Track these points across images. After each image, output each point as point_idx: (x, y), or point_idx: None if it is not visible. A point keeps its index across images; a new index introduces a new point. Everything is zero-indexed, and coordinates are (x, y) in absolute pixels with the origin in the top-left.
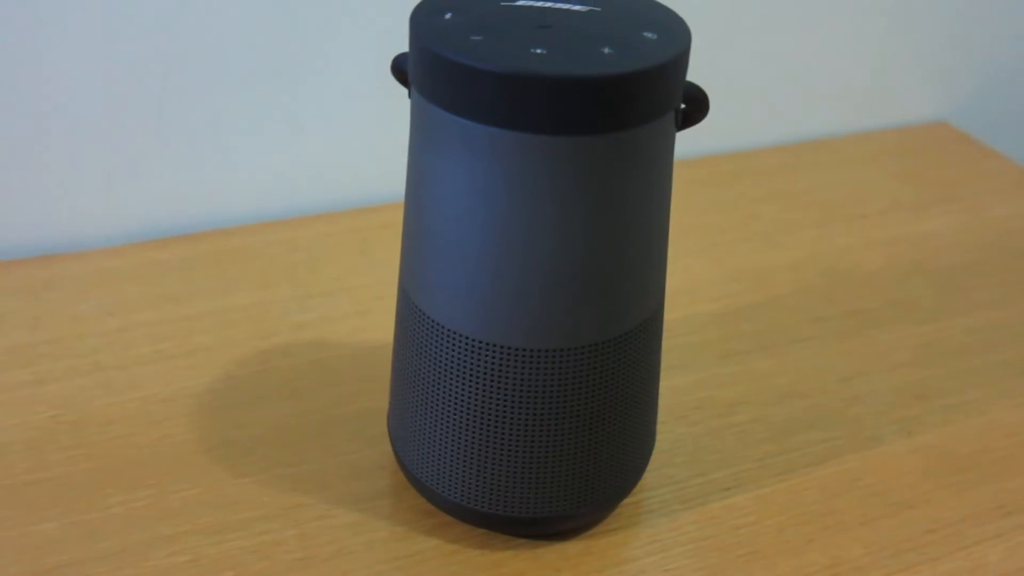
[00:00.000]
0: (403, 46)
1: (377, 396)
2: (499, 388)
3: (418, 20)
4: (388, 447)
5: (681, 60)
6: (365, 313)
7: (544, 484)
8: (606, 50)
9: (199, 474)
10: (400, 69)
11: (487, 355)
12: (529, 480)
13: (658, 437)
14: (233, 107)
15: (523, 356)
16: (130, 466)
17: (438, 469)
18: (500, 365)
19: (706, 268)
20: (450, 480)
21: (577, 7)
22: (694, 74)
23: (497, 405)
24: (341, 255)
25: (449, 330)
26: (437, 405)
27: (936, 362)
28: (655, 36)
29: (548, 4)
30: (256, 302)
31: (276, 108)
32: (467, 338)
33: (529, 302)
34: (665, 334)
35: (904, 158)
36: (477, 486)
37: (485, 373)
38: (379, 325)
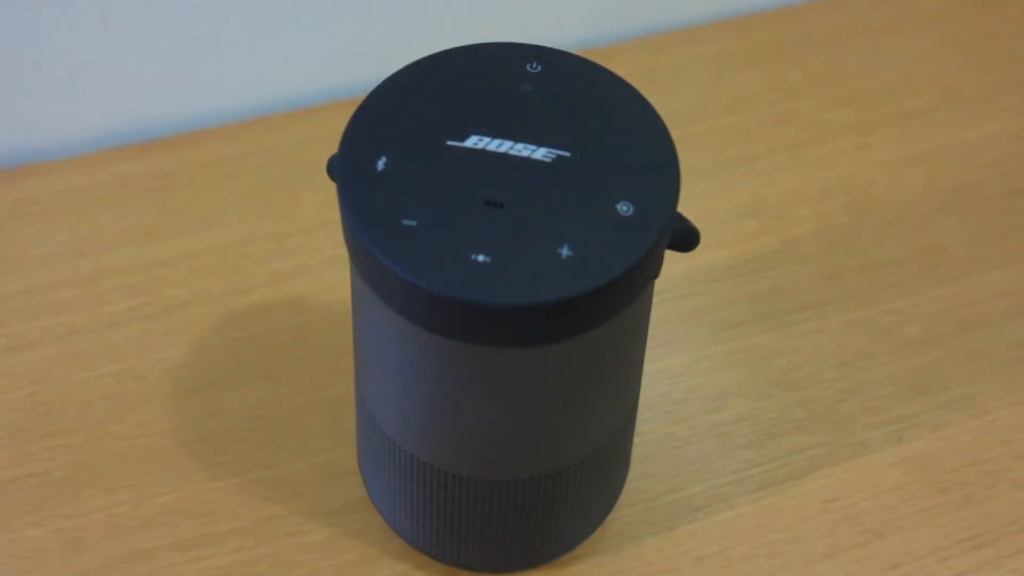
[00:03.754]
0: None
1: (350, 379)
2: (453, 490)
3: (345, 166)
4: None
5: (661, 241)
6: (344, 260)
7: (504, 544)
8: (564, 251)
9: (176, 475)
10: (332, 176)
11: (434, 473)
12: (488, 541)
13: (639, 437)
14: None
15: (470, 482)
16: (109, 462)
17: (394, 514)
18: (450, 484)
19: (720, 197)
20: (410, 529)
21: (541, 153)
22: None
23: (449, 500)
24: (322, 170)
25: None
26: (397, 481)
27: (948, 338)
28: (630, 210)
29: (505, 149)
30: (233, 241)
31: None
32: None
33: (472, 450)
34: (661, 295)
35: (978, 16)
36: (438, 542)
37: (433, 477)
38: None
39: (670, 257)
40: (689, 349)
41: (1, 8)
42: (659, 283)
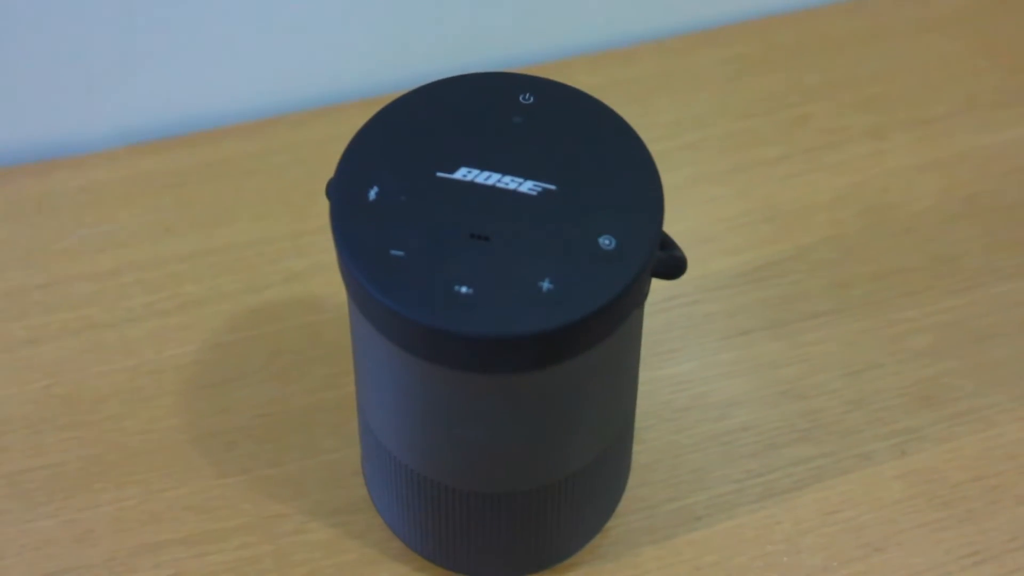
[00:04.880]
0: None
1: None
2: (447, 500)
3: (339, 195)
4: None
5: (641, 275)
6: None
7: (500, 553)
8: (545, 285)
9: (185, 471)
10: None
11: (429, 486)
12: (484, 549)
13: (642, 445)
14: None
15: (462, 494)
16: (121, 455)
17: (393, 518)
18: (443, 494)
19: (734, 202)
20: (409, 535)
21: (528, 186)
22: None
23: (448, 507)
24: None
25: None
26: (395, 488)
27: (958, 349)
28: (612, 244)
29: (493, 182)
30: (250, 240)
31: None
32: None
33: (462, 464)
34: (670, 300)
35: (1002, 21)
36: (435, 548)
37: (430, 490)
38: None
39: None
40: (696, 356)
41: (31, 8)
42: (668, 289)
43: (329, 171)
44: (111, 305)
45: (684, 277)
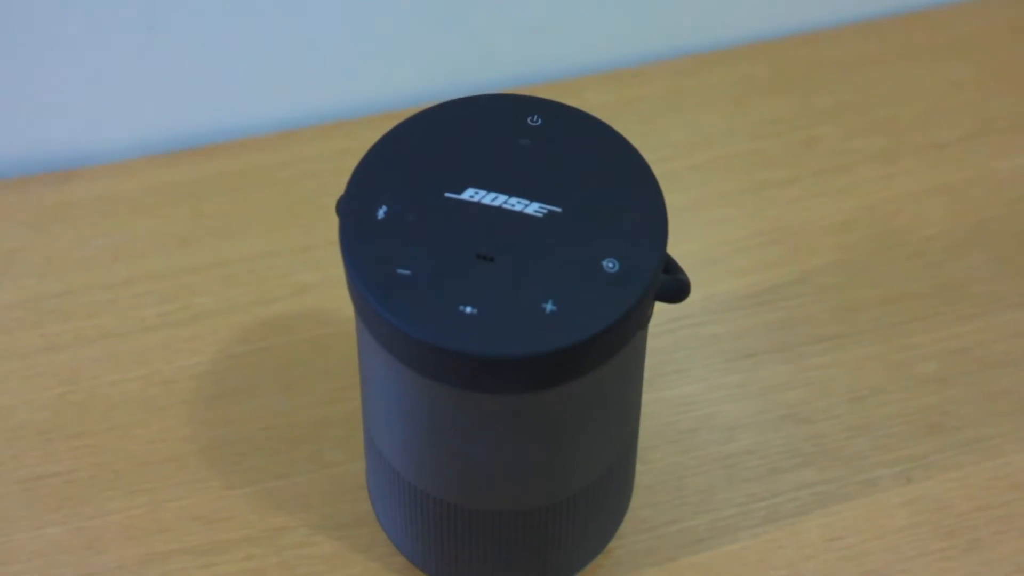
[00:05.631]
0: None
1: None
2: (450, 518)
3: (348, 213)
4: None
5: (644, 298)
6: None
7: (501, 570)
8: (547, 306)
9: (193, 481)
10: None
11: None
12: (486, 567)
13: (645, 465)
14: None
15: (466, 511)
16: (130, 464)
17: (396, 533)
18: (447, 511)
19: (742, 223)
20: (412, 551)
21: (534, 208)
22: None
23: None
24: None
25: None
26: (398, 503)
27: (965, 377)
28: (616, 267)
29: (500, 203)
30: (261, 252)
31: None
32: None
33: (465, 482)
34: (676, 322)
35: (1016, 46)
36: (438, 565)
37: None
38: None
39: (691, 277)
40: (701, 378)
41: (52, 22)
42: (675, 310)
43: (341, 185)
44: (125, 315)
45: (690, 298)
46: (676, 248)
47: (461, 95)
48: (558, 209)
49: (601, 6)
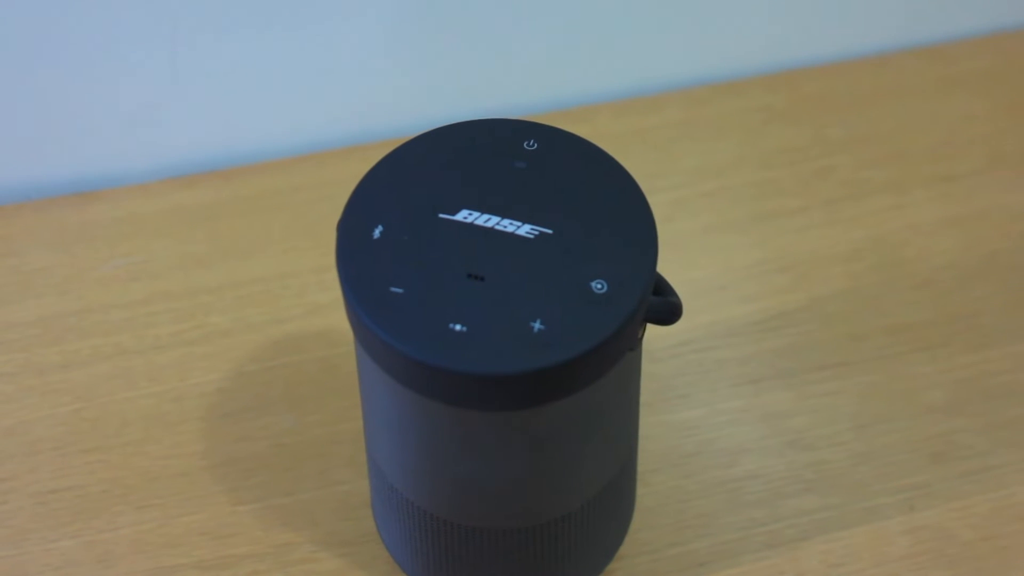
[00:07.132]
0: None
1: None
2: (447, 535)
3: (345, 232)
4: None
5: (631, 320)
6: None
7: None
8: (536, 326)
9: (202, 497)
10: None
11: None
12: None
13: (647, 488)
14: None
15: (462, 529)
16: (142, 480)
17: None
18: (443, 528)
19: (750, 251)
20: (412, 568)
21: (525, 230)
22: None
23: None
24: None
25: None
26: (398, 519)
27: (971, 407)
28: (604, 288)
29: (492, 224)
30: (276, 273)
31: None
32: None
33: (460, 499)
34: (682, 347)
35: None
36: None
37: (436, 528)
38: None
39: (693, 309)
40: (705, 403)
41: (72, 47)
42: (681, 334)
43: None
44: (140, 333)
45: (697, 323)
46: (685, 273)
47: None
48: (549, 231)
49: (616, 36)
